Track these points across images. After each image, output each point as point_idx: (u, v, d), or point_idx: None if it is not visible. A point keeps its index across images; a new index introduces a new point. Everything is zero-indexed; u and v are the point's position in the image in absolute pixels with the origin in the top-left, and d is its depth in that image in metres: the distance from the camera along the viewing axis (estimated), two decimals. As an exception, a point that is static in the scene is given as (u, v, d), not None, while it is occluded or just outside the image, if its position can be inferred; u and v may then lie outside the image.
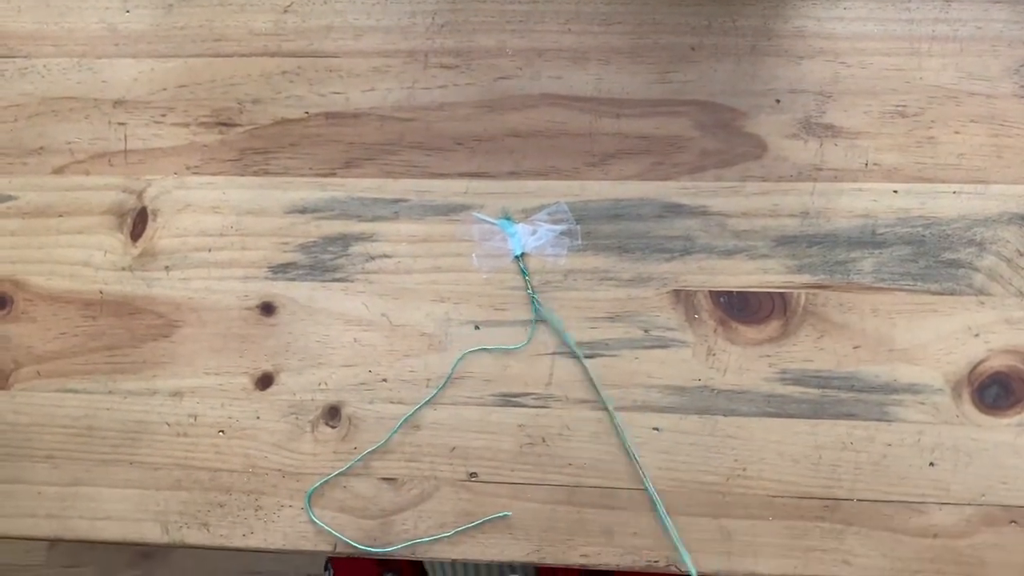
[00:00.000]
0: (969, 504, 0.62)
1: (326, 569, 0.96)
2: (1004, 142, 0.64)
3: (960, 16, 0.65)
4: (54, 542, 1.49)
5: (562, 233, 0.66)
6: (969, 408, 0.62)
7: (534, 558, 0.65)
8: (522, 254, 0.66)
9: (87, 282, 0.70)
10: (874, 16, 0.66)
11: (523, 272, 0.66)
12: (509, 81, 0.68)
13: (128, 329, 0.69)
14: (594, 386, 0.65)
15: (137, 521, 0.68)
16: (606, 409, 0.65)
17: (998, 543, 0.62)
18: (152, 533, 0.68)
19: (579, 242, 0.66)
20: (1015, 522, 0.62)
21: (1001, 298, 0.63)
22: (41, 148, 0.72)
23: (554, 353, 0.66)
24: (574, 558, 0.64)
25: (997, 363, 0.63)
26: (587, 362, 0.65)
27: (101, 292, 0.70)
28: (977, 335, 0.63)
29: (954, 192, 0.64)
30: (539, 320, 0.66)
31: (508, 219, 0.67)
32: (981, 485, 0.62)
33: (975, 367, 0.63)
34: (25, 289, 0.70)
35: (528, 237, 0.67)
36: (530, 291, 0.65)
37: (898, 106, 0.65)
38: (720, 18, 0.67)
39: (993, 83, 0.64)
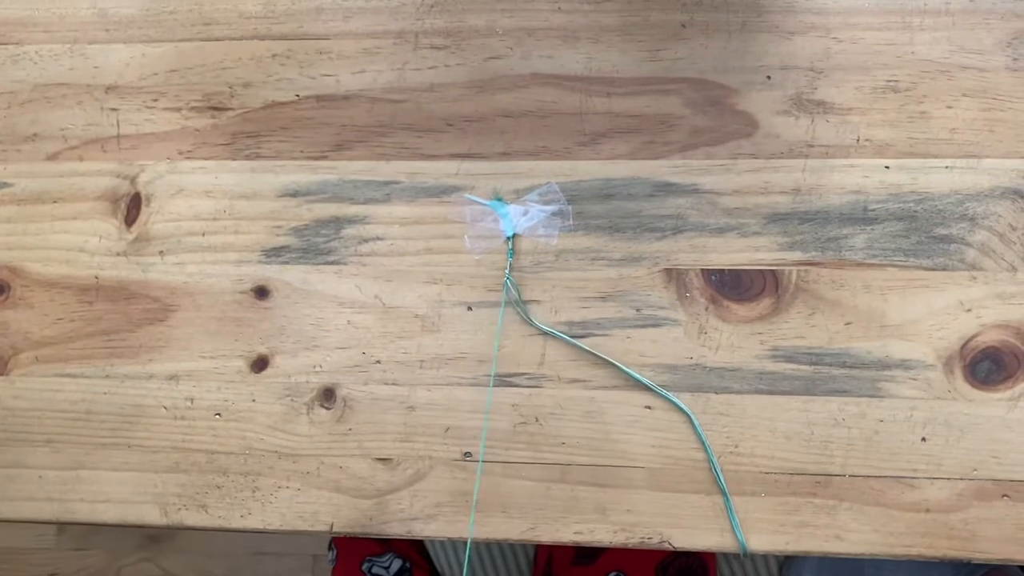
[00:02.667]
0: (961, 479, 0.62)
1: (330, 548, 0.97)
2: (997, 116, 0.64)
3: (952, -11, 0.65)
4: (62, 526, 1.50)
5: (554, 213, 0.66)
6: (961, 383, 0.63)
7: (528, 536, 0.65)
8: (514, 235, 0.67)
9: (83, 268, 0.70)
10: (865, -10, 0.65)
11: (509, 254, 0.66)
12: (499, 61, 0.68)
13: (124, 314, 0.70)
14: (624, 370, 0.65)
15: (136, 503, 0.69)
16: (603, 388, 0.65)
17: (990, 517, 0.62)
18: (151, 515, 0.68)
19: (571, 222, 0.66)
20: (1007, 496, 0.62)
21: (993, 273, 0.63)
22: (34, 135, 0.72)
23: (546, 334, 0.66)
24: (568, 536, 0.65)
25: (989, 338, 0.62)
26: (579, 342, 0.65)
27: (97, 277, 0.70)
28: (969, 310, 0.63)
29: (946, 167, 0.64)
30: (516, 302, 0.66)
31: (500, 200, 0.67)
32: (973, 460, 0.62)
33: (967, 342, 0.63)
34: (22, 275, 0.71)
35: (520, 218, 0.67)
36: (507, 272, 0.65)
37: (889, 81, 0.65)
38: (710, -6, 0.67)
39: (985, 56, 0.64)
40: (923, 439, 0.63)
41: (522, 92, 0.68)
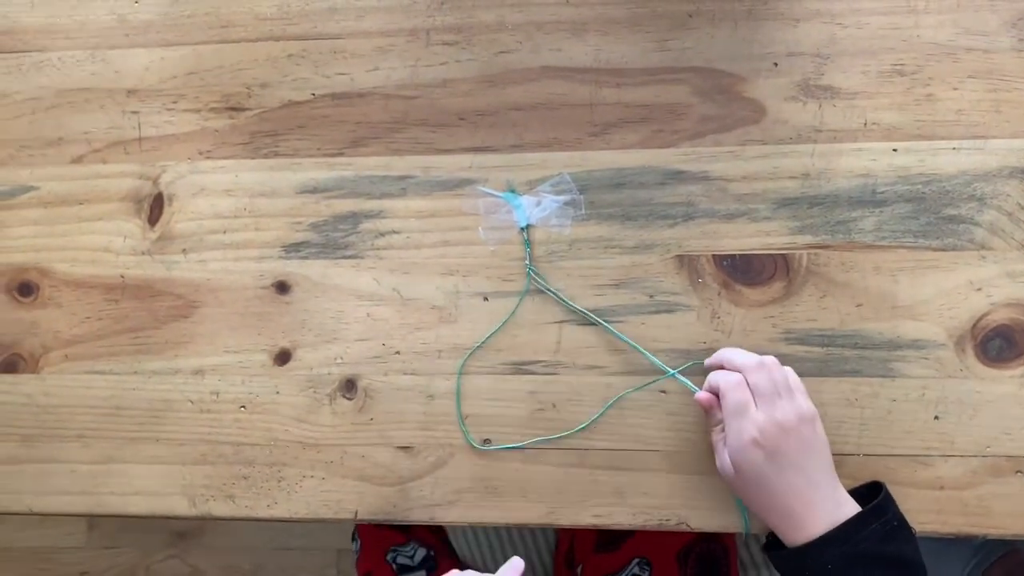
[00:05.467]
0: (974, 456, 0.63)
1: (353, 540, 0.99)
2: (1003, 96, 0.64)
3: (956, -29, 0.65)
4: (93, 525, 1.53)
5: (566, 203, 0.68)
6: (973, 361, 0.63)
7: (548, 520, 0.67)
8: (528, 225, 0.68)
9: (109, 267, 0.72)
10: (870, -25, 0.66)
11: (526, 244, 0.67)
12: (510, 55, 0.70)
13: (150, 311, 0.72)
14: (642, 351, 0.66)
15: (166, 495, 0.71)
16: (619, 374, 0.66)
17: (1004, 493, 0.62)
18: (180, 506, 0.70)
19: (583, 212, 0.68)
20: (1020, 472, 0.62)
21: (1003, 252, 0.63)
22: (59, 139, 0.74)
23: (561, 321, 0.67)
24: (587, 519, 0.66)
25: (1000, 316, 0.63)
26: (594, 329, 0.66)
27: (123, 276, 0.72)
28: (979, 289, 0.63)
29: (954, 148, 0.64)
30: (533, 291, 0.67)
31: (513, 192, 0.68)
32: (986, 437, 0.63)
33: (978, 321, 0.63)
34: (50, 276, 0.73)
35: (533, 209, 0.68)
36: (527, 262, 0.67)
37: (896, 65, 0.65)
38: (716, -16, 0.68)
39: (991, 38, 0.64)
40: (936, 417, 0.63)
41: (533, 85, 0.69)
